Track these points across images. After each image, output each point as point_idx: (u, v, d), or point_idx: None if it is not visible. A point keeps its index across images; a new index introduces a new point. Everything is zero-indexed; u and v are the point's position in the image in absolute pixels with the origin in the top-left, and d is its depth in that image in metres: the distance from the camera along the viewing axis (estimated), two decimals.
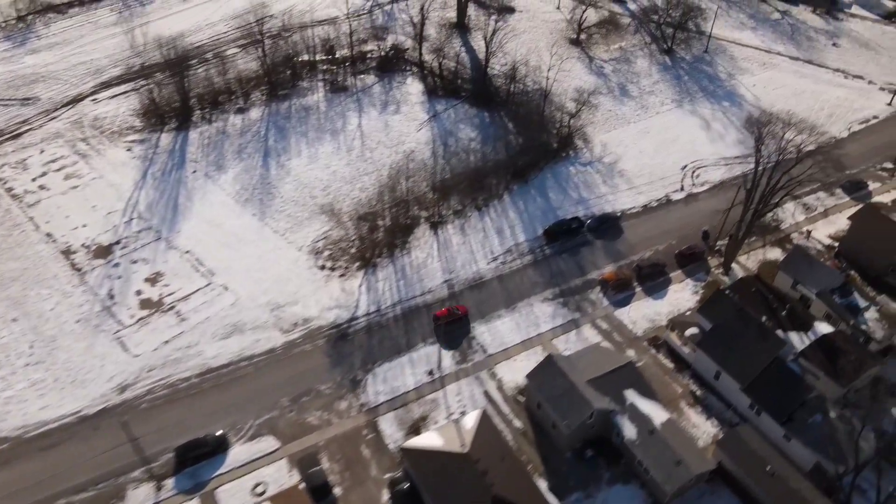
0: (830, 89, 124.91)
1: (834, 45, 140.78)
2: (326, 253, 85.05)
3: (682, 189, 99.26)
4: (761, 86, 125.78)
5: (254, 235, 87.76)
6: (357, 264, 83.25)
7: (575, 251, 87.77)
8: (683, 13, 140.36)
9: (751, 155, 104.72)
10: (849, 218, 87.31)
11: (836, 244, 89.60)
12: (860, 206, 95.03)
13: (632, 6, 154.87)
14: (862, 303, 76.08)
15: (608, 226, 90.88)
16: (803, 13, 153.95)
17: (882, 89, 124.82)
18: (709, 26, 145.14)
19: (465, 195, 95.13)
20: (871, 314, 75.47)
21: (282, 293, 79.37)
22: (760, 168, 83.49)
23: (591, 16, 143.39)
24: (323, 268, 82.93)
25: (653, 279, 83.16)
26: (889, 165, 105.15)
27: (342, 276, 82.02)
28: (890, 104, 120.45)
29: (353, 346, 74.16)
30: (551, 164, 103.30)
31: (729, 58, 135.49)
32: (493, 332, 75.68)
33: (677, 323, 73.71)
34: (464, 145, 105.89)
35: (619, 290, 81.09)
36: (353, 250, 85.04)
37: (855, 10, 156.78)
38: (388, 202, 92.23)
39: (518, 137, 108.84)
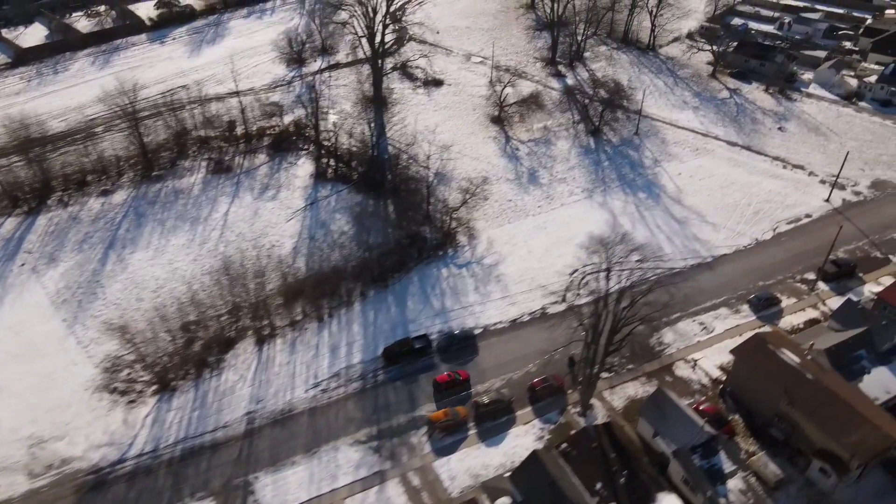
0: (764, 181, 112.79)
1: (780, 129, 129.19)
2: (125, 372, 74.76)
3: (563, 300, 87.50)
4: (687, 175, 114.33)
5: (54, 346, 77.93)
6: (153, 388, 72.82)
7: (413, 378, 75.85)
8: (613, 90, 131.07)
9: (657, 258, 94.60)
10: (732, 351, 74.47)
11: (725, 378, 76.87)
12: (760, 329, 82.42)
13: (570, 80, 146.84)
14: (728, 466, 62.78)
15: (462, 346, 78.81)
16: (755, 92, 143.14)
17: (822, 182, 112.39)
18: (646, 105, 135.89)
19: (312, 301, 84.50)
20: (735, 483, 62.03)
21: (52, 424, 68.71)
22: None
23: (520, 90, 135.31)
24: (114, 391, 72.51)
25: (494, 418, 70.76)
26: (811, 276, 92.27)
27: (131, 402, 71.32)
28: (827, 200, 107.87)
29: (104, 501, 63.02)
30: (423, 264, 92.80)
31: (660, 141, 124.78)
32: (277, 487, 63.40)
33: (489, 489, 61.15)
34: (332, 239, 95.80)
35: (448, 433, 68.92)
36: (157, 369, 74.76)
37: (813, 88, 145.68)
38: (221, 308, 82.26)
39: (397, 231, 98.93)
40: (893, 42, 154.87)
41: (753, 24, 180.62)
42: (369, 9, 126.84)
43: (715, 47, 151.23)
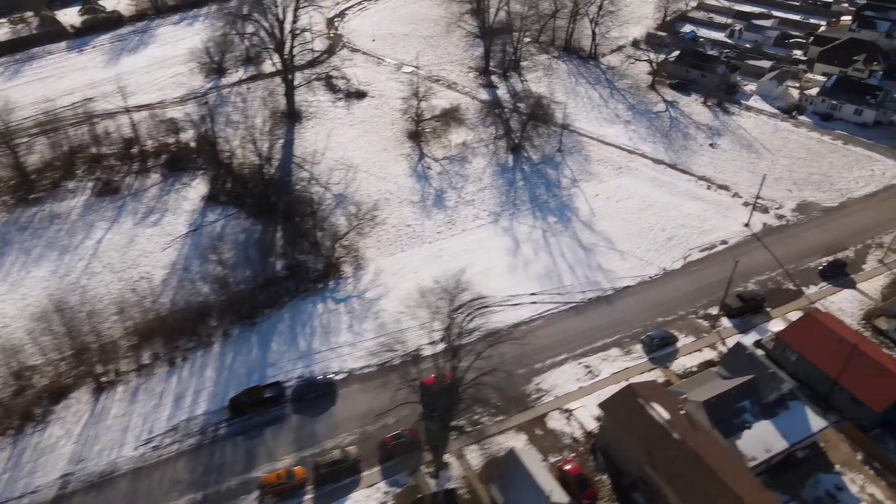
0: (685, 203, 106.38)
1: (711, 145, 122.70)
2: None
3: (442, 340, 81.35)
4: (605, 196, 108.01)
5: None
6: None
7: (257, 432, 69.25)
8: (537, 103, 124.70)
9: (553, 291, 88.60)
10: (600, 405, 68.27)
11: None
12: (649, 373, 76.15)
13: (501, 92, 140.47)
14: None
15: (318, 395, 72.53)
16: (692, 105, 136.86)
17: (746, 204, 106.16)
18: (576, 118, 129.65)
19: (168, 341, 78.17)
20: None
21: None
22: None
23: (440, 104, 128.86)
24: None
25: (336, 480, 64.41)
26: (714, 311, 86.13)
27: None
28: (747, 225, 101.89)
29: None
30: (300, 299, 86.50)
31: (583, 159, 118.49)
32: None
33: None
34: (208, 271, 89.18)
35: (282, 498, 62.68)
36: None
37: (754, 101, 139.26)
38: (65, 350, 76.01)
39: (280, 261, 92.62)
40: (841, 51, 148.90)
41: (705, 31, 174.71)
42: (274, 18, 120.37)
43: (652, 57, 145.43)
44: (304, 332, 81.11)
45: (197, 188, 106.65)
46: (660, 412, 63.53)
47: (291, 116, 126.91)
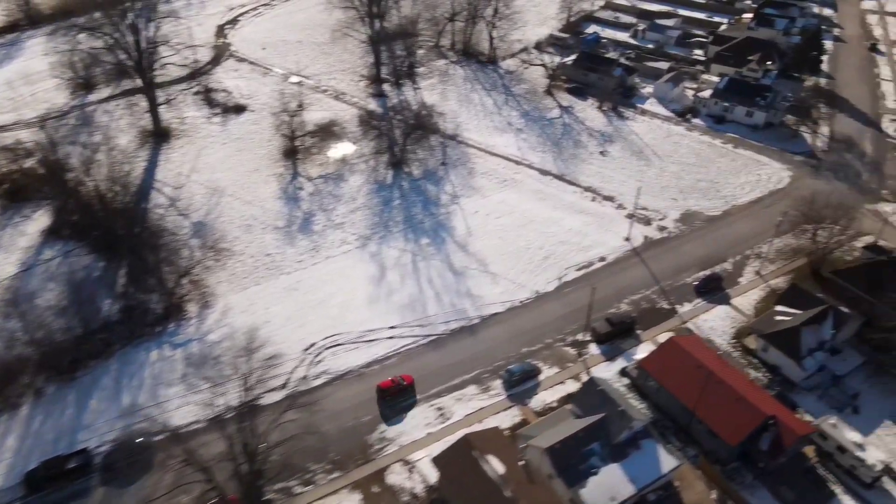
0: (567, 217, 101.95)
1: (602, 153, 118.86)
2: None
3: (284, 386, 74.83)
4: (485, 213, 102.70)
5: None
6: None
7: None
8: (420, 113, 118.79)
9: (414, 323, 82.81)
10: (434, 459, 62.78)
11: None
12: (510, 409, 70.89)
13: (392, 101, 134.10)
14: None
15: (132, 462, 65.04)
16: (588, 110, 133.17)
17: (630, 216, 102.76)
18: (466, 128, 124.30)
19: None
20: None
21: None
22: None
23: (318, 117, 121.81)
24: None
25: None
26: (583, 337, 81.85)
27: None
28: (628, 239, 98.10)
29: None
30: (133, 345, 78.75)
31: (467, 172, 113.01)
32: None
33: None
34: (32, 318, 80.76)
35: None
36: None
37: (650, 104, 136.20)
38: None
39: (118, 302, 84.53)
40: (737, 51, 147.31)
41: (611, 32, 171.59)
42: (128, 31, 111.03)
43: (546, 60, 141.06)
44: (130, 386, 73.21)
45: (38, 221, 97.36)
46: (494, 466, 58.28)
47: (159, 136, 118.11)
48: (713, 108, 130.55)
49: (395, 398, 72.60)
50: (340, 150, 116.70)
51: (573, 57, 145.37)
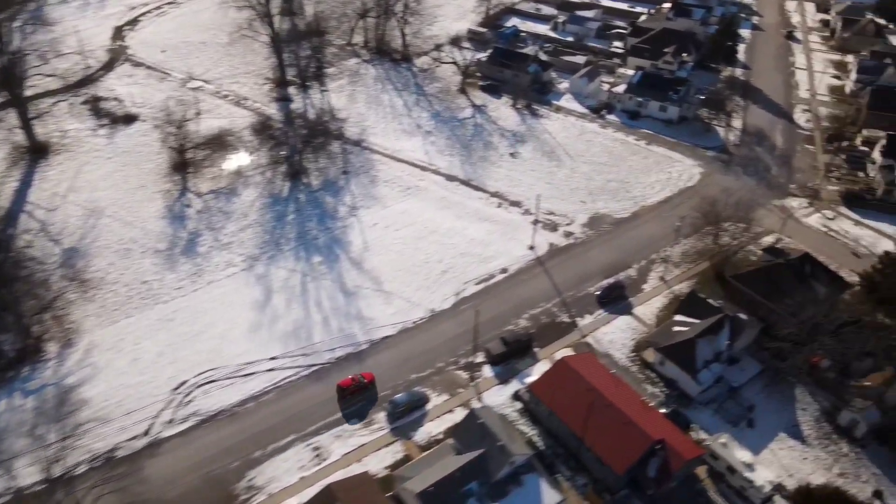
0: (471, 226, 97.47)
1: (512, 155, 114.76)
2: None
3: (146, 433, 68.70)
4: (384, 225, 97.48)
5: None
6: None
7: None
8: (321, 118, 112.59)
9: (297, 353, 77.41)
10: None
11: None
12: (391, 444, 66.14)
13: (297, 105, 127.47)
14: None
15: None
16: (501, 108, 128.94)
17: (537, 222, 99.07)
18: (372, 132, 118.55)
19: None
20: None
21: None
22: None
23: (215, 124, 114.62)
24: None
25: None
26: (477, 359, 77.80)
27: None
28: (532, 248, 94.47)
29: None
30: None
31: (370, 180, 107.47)
32: None
33: None
34: None
35: None
36: None
37: (566, 100, 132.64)
38: None
39: None
40: (654, 43, 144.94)
41: (532, 25, 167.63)
42: None
43: (457, 58, 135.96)
44: None
45: None
46: None
47: (35, 152, 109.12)
48: (628, 104, 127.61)
49: (355, 396, 71.58)
50: (235, 161, 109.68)
51: (488, 52, 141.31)
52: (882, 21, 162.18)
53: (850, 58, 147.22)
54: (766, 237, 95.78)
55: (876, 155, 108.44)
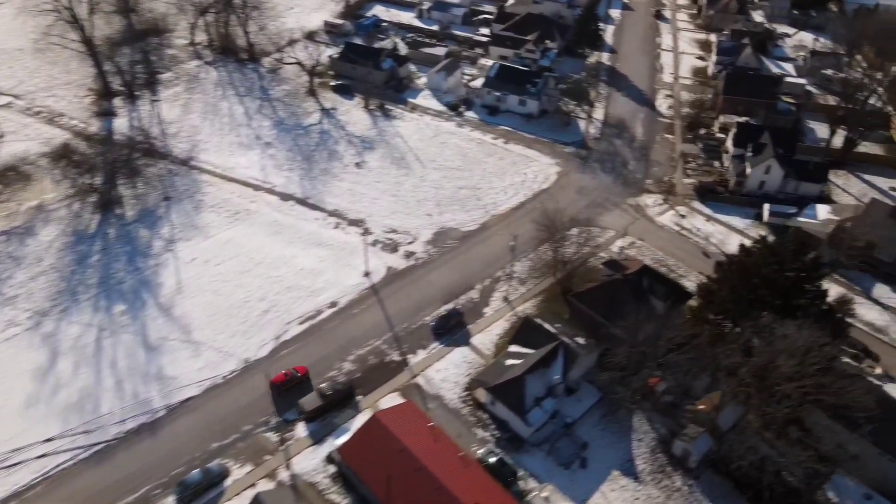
0: (302, 253, 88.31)
1: (358, 165, 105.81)
2: None
3: None
4: (204, 259, 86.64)
5: None
6: None
7: None
8: (137, 138, 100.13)
9: (79, 430, 66.82)
10: None
11: None
12: None
13: (121, 121, 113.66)
14: None
15: None
16: (353, 111, 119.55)
17: (376, 243, 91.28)
18: (205, 147, 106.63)
19: None
20: None
21: None
22: None
23: (19, 148, 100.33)
24: None
25: None
26: (291, 417, 69.64)
27: None
28: (367, 275, 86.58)
29: None
30: None
31: (194, 206, 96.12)
32: None
33: None
34: None
35: None
36: None
37: (423, 98, 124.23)
38: None
39: None
40: (516, 30, 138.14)
41: (396, 12, 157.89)
42: None
43: (302, 57, 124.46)
44: None
45: None
46: None
47: None
48: (486, 99, 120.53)
49: (291, 391, 69.60)
50: (37, 193, 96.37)
51: (342, 48, 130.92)
52: None
53: (713, 37, 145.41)
54: (619, 241, 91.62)
55: (728, 144, 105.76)
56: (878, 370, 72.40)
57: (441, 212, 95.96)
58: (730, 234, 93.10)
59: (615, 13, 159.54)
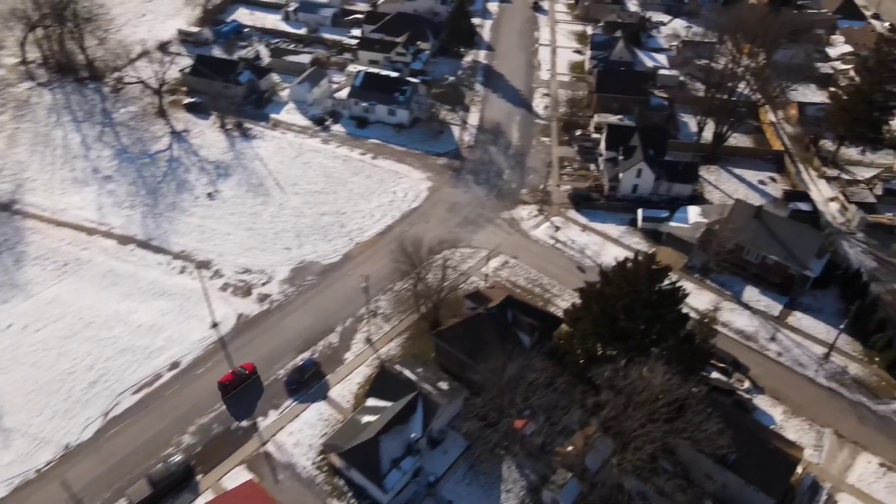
0: (142, 307, 77.98)
1: (210, 195, 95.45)
2: None
3: None
4: (22, 325, 74.31)
5: None
6: None
7: None
8: None
9: None
10: None
11: None
12: None
13: None
14: None
15: None
16: (208, 132, 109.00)
17: (227, 288, 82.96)
18: (32, 186, 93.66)
19: None
20: None
21: None
22: None
23: None
24: None
25: None
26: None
27: None
28: (216, 326, 78.15)
29: None
30: None
31: (14, 261, 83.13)
32: None
33: None
34: None
35: None
36: None
37: (287, 112, 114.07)
38: None
39: None
40: (387, 31, 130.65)
41: (261, 16, 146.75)
42: None
43: (150, 73, 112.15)
44: None
45: None
46: None
47: None
48: (354, 110, 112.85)
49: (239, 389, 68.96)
50: None
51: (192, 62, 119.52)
52: None
53: (590, 29, 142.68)
54: (492, 261, 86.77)
55: (602, 147, 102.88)
56: (746, 384, 71.05)
57: (301, 244, 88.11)
58: (605, 243, 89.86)
59: (493, 6, 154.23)
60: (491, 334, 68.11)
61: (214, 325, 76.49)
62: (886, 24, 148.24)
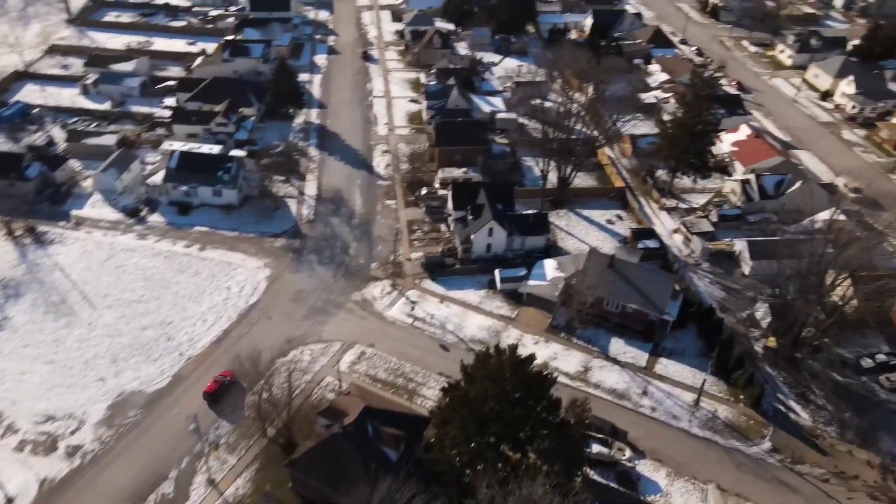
0: None
1: None
2: None
3: None
4: None
5: None
6: None
7: None
8: None
9: None
10: None
11: None
12: None
13: None
14: None
15: None
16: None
17: (23, 447, 67.82)
18: None
19: None
20: None
21: None
22: None
23: None
24: None
25: None
26: None
27: None
28: (10, 501, 63.78)
29: None
30: None
31: None
32: None
33: None
34: None
35: None
36: None
37: (94, 205, 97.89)
38: None
39: None
40: (205, 99, 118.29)
41: (54, 90, 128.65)
42: None
43: None
44: None
45: None
46: None
47: None
48: (173, 195, 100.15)
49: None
50: None
51: None
52: (450, 26, 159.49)
53: (423, 76, 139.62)
54: (347, 355, 78.17)
55: (449, 207, 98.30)
56: (628, 452, 68.02)
57: (118, 370, 74.03)
58: (466, 313, 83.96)
59: (320, 59, 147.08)
60: (351, 456, 59.32)
61: (8, 503, 61.39)
62: (693, 48, 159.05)
